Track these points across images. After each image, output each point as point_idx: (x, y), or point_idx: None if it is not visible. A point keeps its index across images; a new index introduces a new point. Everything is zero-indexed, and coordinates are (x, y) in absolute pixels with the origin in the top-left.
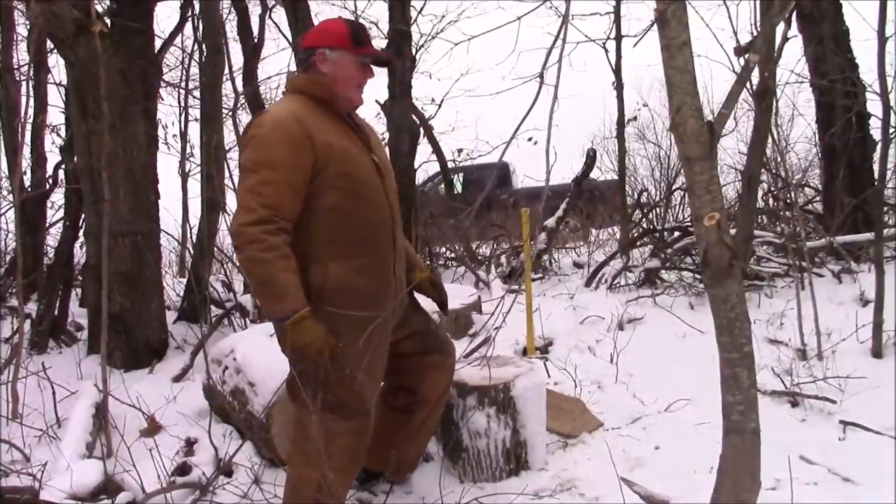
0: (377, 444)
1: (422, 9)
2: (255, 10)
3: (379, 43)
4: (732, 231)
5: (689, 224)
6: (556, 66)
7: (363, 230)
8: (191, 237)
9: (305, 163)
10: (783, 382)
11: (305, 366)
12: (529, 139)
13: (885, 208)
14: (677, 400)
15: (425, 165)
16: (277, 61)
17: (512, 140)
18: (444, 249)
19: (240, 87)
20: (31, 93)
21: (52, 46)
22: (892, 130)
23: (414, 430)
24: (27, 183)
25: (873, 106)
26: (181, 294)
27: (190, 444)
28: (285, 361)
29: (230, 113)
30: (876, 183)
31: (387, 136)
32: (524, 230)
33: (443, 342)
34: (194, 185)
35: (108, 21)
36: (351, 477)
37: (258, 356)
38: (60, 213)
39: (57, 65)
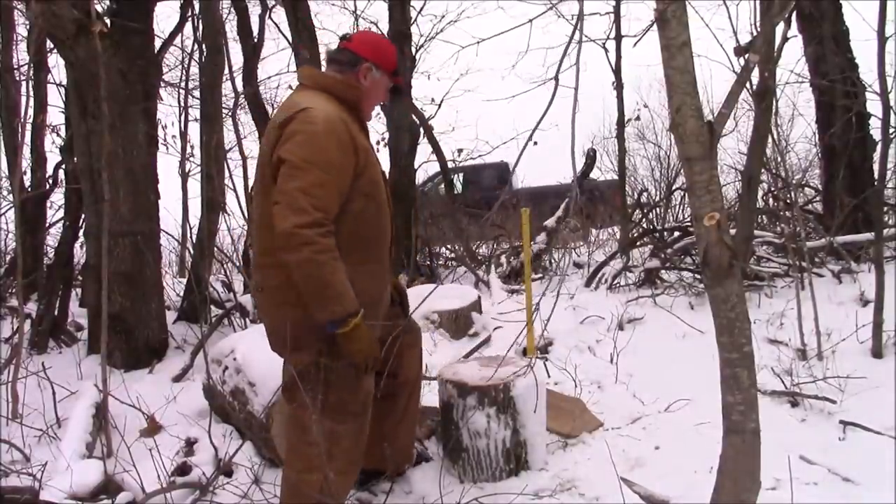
0: (369, 440)
1: (421, 9)
2: (255, 10)
3: None
4: (732, 231)
5: (689, 224)
6: (573, 67)
7: (375, 235)
8: (191, 237)
9: (350, 166)
10: (783, 382)
11: (306, 369)
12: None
13: (885, 208)
14: (677, 400)
15: (425, 165)
16: (277, 61)
17: (527, 145)
18: (444, 249)
19: (240, 87)
20: (31, 93)
21: (52, 46)
22: (892, 130)
23: (400, 414)
24: (27, 183)
25: (873, 106)
26: (181, 294)
27: (190, 444)
28: None
29: (230, 113)
30: (876, 183)
31: (387, 136)
32: (524, 230)
33: (408, 321)
34: (194, 185)
35: (108, 21)
36: (352, 479)
37: (258, 356)
38: (60, 213)
39: (57, 65)
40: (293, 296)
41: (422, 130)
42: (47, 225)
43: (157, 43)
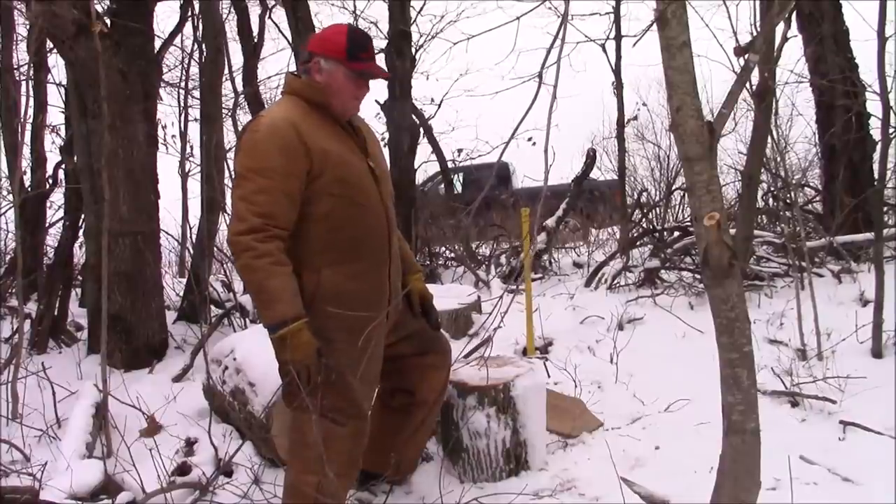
0: (376, 446)
1: (421, 9)
2: (255, 10)
3: (379, 43)
4: (732, 231)
5: (689, 224)
6: (555, 65)
7: (357, 236)
8: (191, 237)
9: (300, 169)
10: (783, 382)
11: (291, 373)
12: (529, 139)
13: (885, 208)
14: (677, 400)
15: (425, 165)
16: (277, 61)
17: (510, 140)
18: (443, 249)
19: (240, 87)
20: (31, 93)
21: (52, 46)
22: (892, 130)
23: (412, 431)
24: (27, 183)
25: (873, 106)
26: (181, 294)
27: (190, 444)
28: None
29: (230, 113)
30: (876, 183)
31: (387, 136)
32: (524, 230)
33: (439, 341)
34: (194, 185)
35: (108, 21)
36: (350, 481)
37: (258, 356)
38: (60, 213)
39: (57, 65)
40: None
41: (422, 130)
42: (47, 225)
43: (157, 43)
